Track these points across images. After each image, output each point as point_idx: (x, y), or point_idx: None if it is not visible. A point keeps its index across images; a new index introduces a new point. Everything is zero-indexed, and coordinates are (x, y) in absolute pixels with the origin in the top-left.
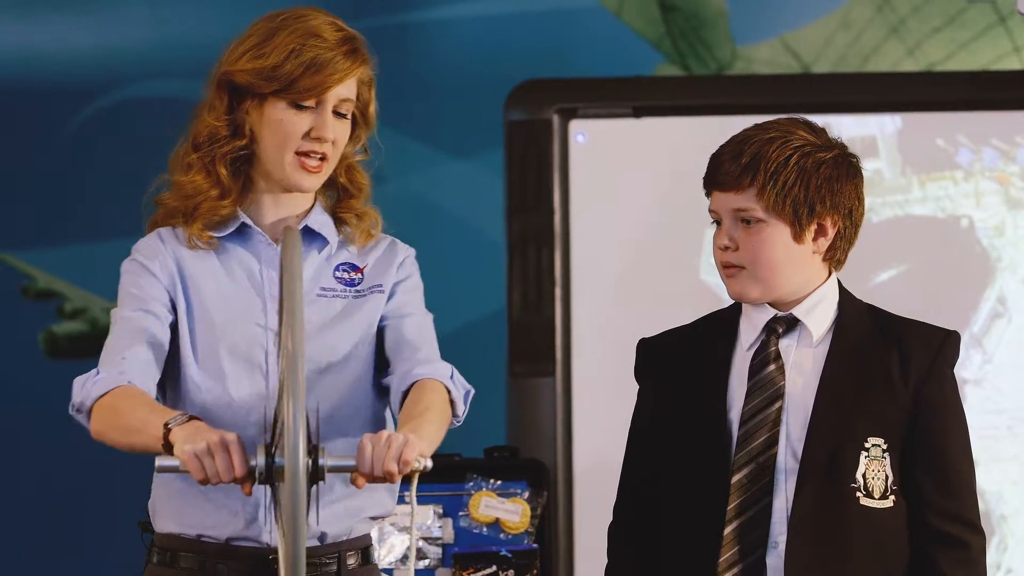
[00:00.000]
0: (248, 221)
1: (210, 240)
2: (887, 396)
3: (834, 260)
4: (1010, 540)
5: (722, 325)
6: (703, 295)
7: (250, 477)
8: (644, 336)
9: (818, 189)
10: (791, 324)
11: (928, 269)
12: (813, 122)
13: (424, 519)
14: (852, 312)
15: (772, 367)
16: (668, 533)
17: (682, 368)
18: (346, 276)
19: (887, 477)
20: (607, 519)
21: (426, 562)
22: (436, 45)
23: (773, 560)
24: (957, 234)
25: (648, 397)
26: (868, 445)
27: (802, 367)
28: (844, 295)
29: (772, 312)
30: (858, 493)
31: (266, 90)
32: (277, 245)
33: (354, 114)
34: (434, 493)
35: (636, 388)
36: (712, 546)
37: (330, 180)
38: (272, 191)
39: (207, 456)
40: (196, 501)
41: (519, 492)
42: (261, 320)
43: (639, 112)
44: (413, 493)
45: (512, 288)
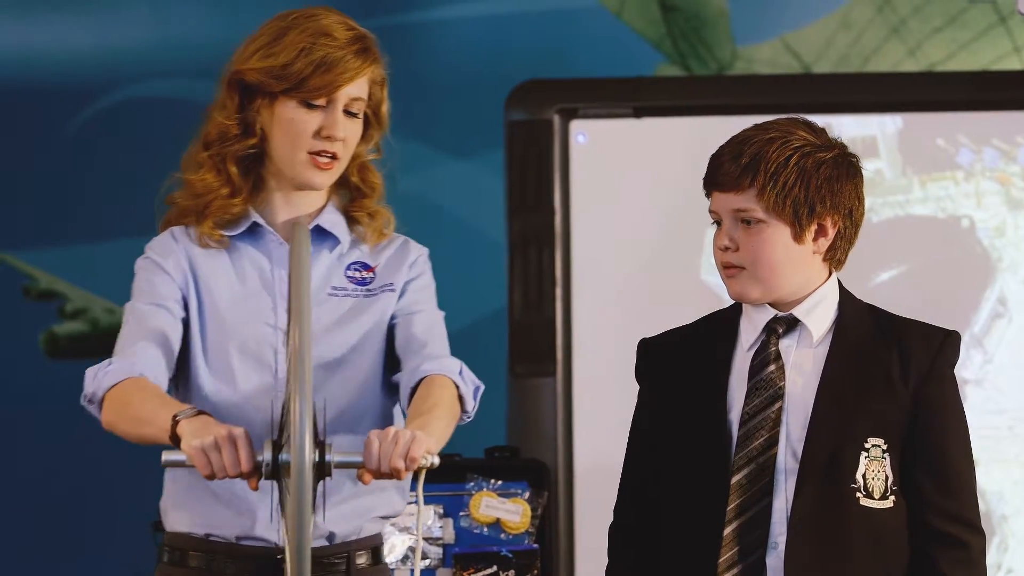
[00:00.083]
0: (260, 220)
1: (221, 239)
2: (887, 396)
3: (834, 260)
4: (1011, 540)
5: (722, 325)
6: (704, 295)
7: (256, 472)
8: (645, 336)
9: (818, 189)
10: (791, 324)
11: (929, 269)
12: (813, 122)
13: (425, 519)
14: (852, 312)
15: (772, 367)
16: (668, 533)
17: (682, 368)
18: (358, 275)
19: (887, 477)
20: (608, 519)
21: (427, 562)
22: (437, 45)
23: (773, 560)
24: (958, 234)
25: (648, 397)
26: (868, 445)
27: (802, 367)
28: (844, 295)
29: (772, 312)
30: (858, 493)
31: (276, 89)
32: (288, 244)
33: (366, 114)
34: (435, 493)
35: (637, 388)
36: (712, 546)
37: (343, 179)
38: (283, 190)
39: (214, 450)
40: (205, 500)
41: (520, 492)
42: (271, 320)
43: (640, 112)
44: (420, 490)
45: (513, 288)
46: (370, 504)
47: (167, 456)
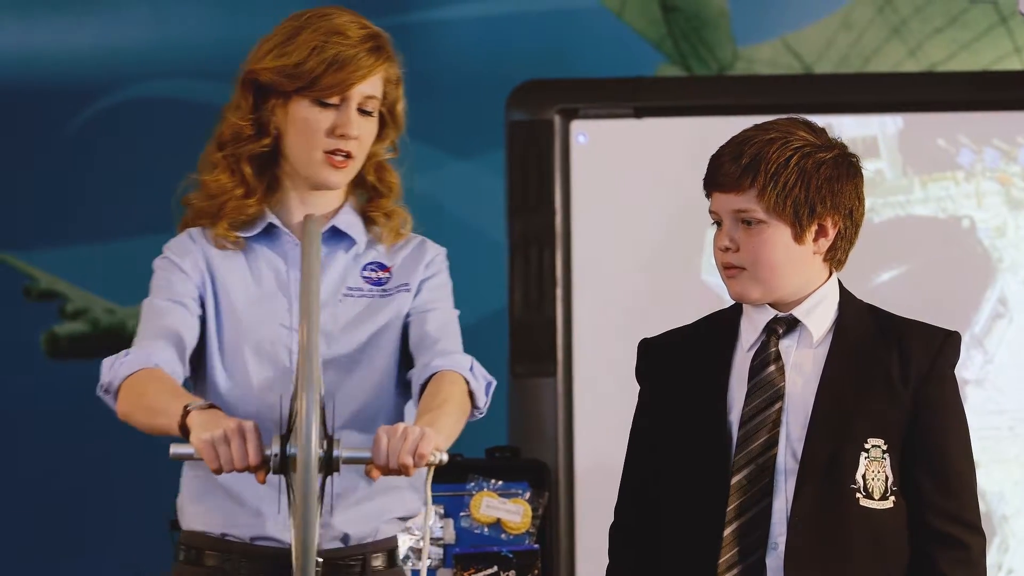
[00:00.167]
0: (275, 221)
1: (236, 240)
2: (887, 397)
3: (835, 260)
4: (1011, 541)
5: (723, 326)
6: (704, 295)
7: (264, 466)
8: (645, 336)
9: (818, 189)
10: (791, 325)
11: (929, 269)
12: (813, 122)
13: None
14: (852, 312)
15: (772, 368)
16: (668, 534)
17: (683, 369)
18: (374, 275)
19: (887, 478)
20: (608, 519)
21: (427, 563)
22: (437, 45)
23: (773, 561)
24: (958, 234)
25: (648, 397)
26: (868, 446)
27: (802, 368)
28: (844, 295)
29: (772, 313)
30: (858, 494)
31: (290, 88)
32: None
33: (382, 112)
34: (435, 493)
35: (637, 388)
36: (712, 547)
37: (360, 179)
38: (299, 190)
39: (223, 443)
40: (220, 500)
41: (520, 492)
42: (286, 321)
43: (640, 112)
44: (427, 487)
45: (513, 288)
46: (385, 505)
47: (175, 449)
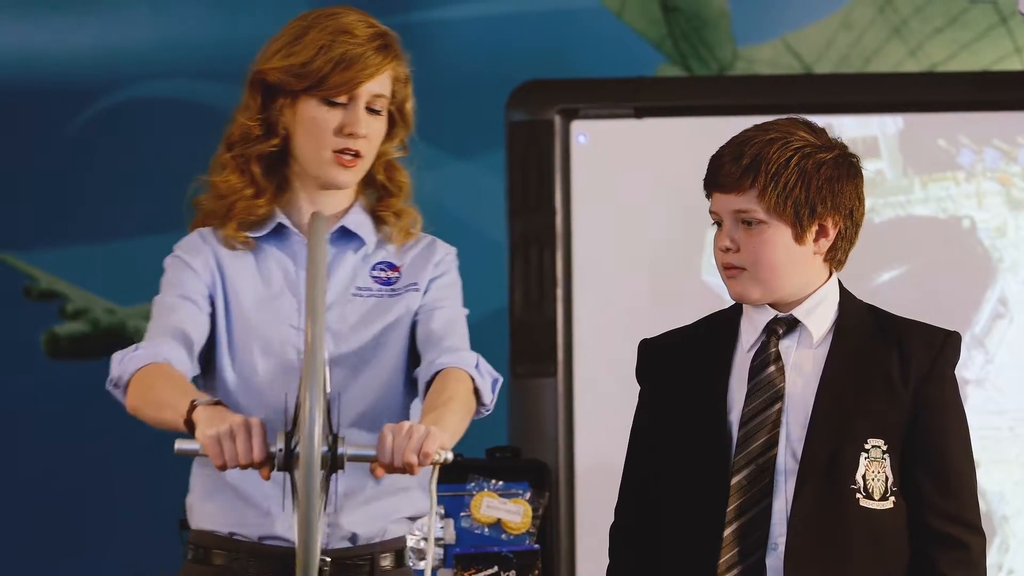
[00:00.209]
0: (285, 221)
1: (246, 240)
2: (887, 397)
3: (835, 260)
4: (1012, 541)
5: (723, 326)
6: (704, 295)
7: (269, 463)
8: (645, 337)
9: (819, 190)
10: (791, 325)
11: (930, 270)
12: (813, 123)
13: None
14: (852, 313)
15: (772, 368)
16: (668, 534)
17: (683, 369)
18: (383, 275)
19: (887, 478)
20: (609, 520)
21: (432, 562)
22: (438, 45)
23: (773, 561)
24: (959, 235)
25: (649, 398)
26: (868, 446)
27: (802, 368)
28: (844, 296)
29: (772, 313)
30: (858, 494)
31: (297, 87)
32: None
33: (391, 111)
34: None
35: (637, 388)
36: (712, 547)
37: (370, 178)
38: (308, 190)
39: (228, 439)
40: (229, 499)
41: (521, 493)
42: (295, 321)
43: (640, 113)
44: (432, 486)
45: (514, 288)
46: (394, 505)
47: (180, 445)
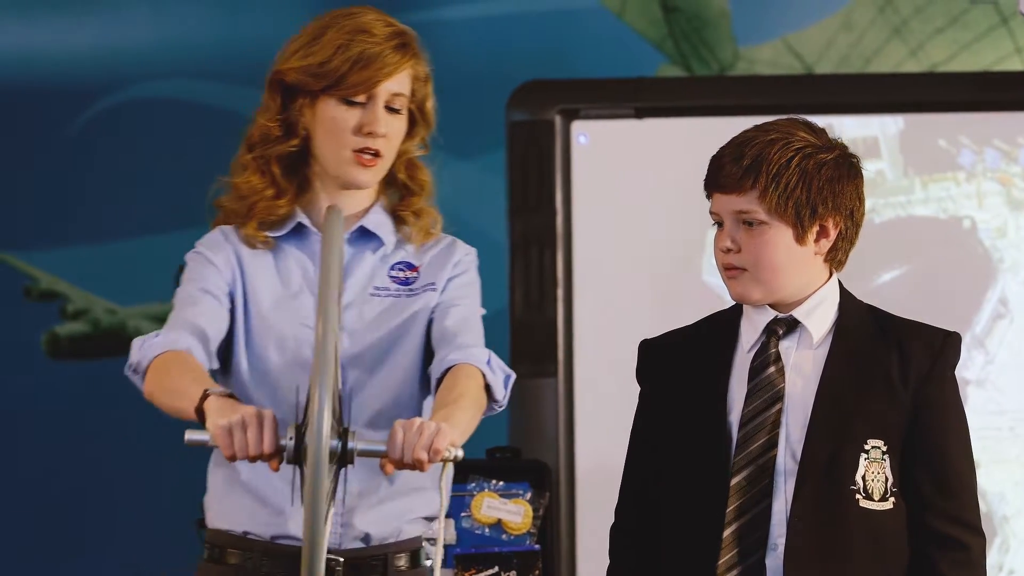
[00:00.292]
0: (305, 221)
1: (266, 240)
2: (887, 398)
3: (835, 261)
4: (1012, 541)
5: (723, 326)
6: (705, 296)
7: (278, 455)
8: (646, 337)
9: (820, 191)
10: (791, 326)
11: (930, 270)
12: (813, 123)
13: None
14: (852, 313)
15: (772, 369)
16: (668, 535)
17: (683, 370)
18: (401, 275)
19: (887, 479)
20: (609, 520)
21: (428, 563)
22: (438, 46)
23: (772, 562)
24: (959, 235)
25: (649, 398)
26: (868, 447)
27: (802, 369)
28: (845, 296)
29: (772, 314)
30: (858, 495)
31: (316, 87)
32: None
33: (411, 110)
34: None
35: (638, 389)
36: (712, 548)
37: (391, 178)
38: (329, 190)
39: (239, 429)
40: (243, 499)
41: (521, 493)
42: (311, 321)
43: (641, 113)
44: (442, 483)
45: (514, 289)
46: (409, 505)
47: (190, 435)
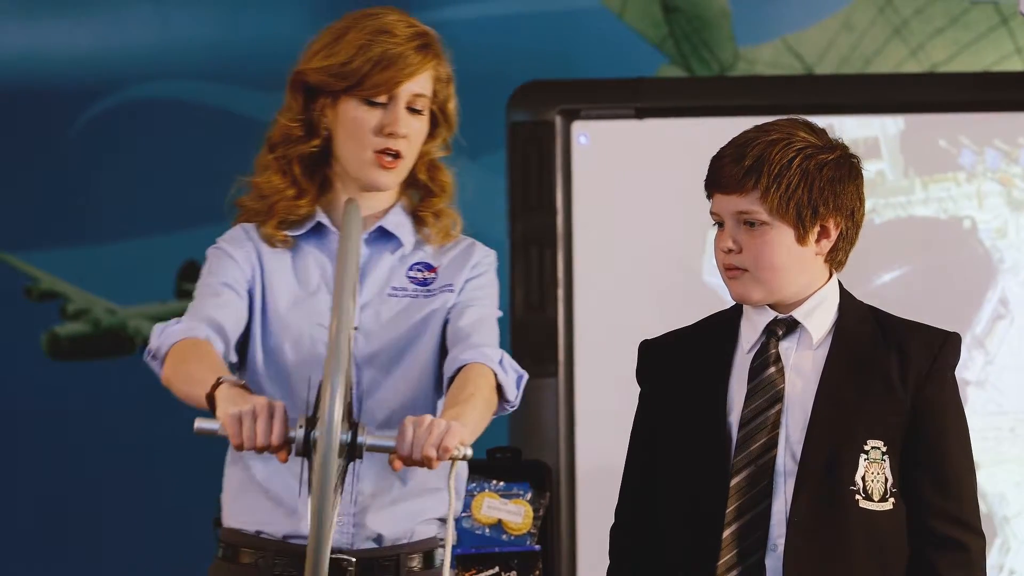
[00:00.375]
0: (325, 221)
1: (285, 239)
2: (887, 398)
3: (835, 261)
4: (1013, 542)
5: (723, 327)
6: (706, 296)
7: (287, 447)
8: (646, 337)
9: (821, 191)
10: (791, 326)
11: (930, 270)
12: (813, 123)
13: None
14: (852, 314)
15: (772, 369)
16: (668, 535)
17: (683, 370)
18: (419, 276)
19: (887, 480)
20: (610, 520)
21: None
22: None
23: (772, 562)
24: (959, 235)
25: (649, 399)
26: (867, 448)
27: (802, 369)
28: (844, 296)
29: (773, 314)
30: (857, 496)
31: (338, 88)
32: None
33: (433, 111)
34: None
35: (638, 389)
36: (711, 548)
37: (412, 178)
38: (350, 191)
39: (249, 418)
40: (257, 498)
41: (522, 493)
42: (327, 321)
43: (641, 113)
44: (451, 481)
45: (515, 289)
46: (422, 506)
47: (199, 424)
